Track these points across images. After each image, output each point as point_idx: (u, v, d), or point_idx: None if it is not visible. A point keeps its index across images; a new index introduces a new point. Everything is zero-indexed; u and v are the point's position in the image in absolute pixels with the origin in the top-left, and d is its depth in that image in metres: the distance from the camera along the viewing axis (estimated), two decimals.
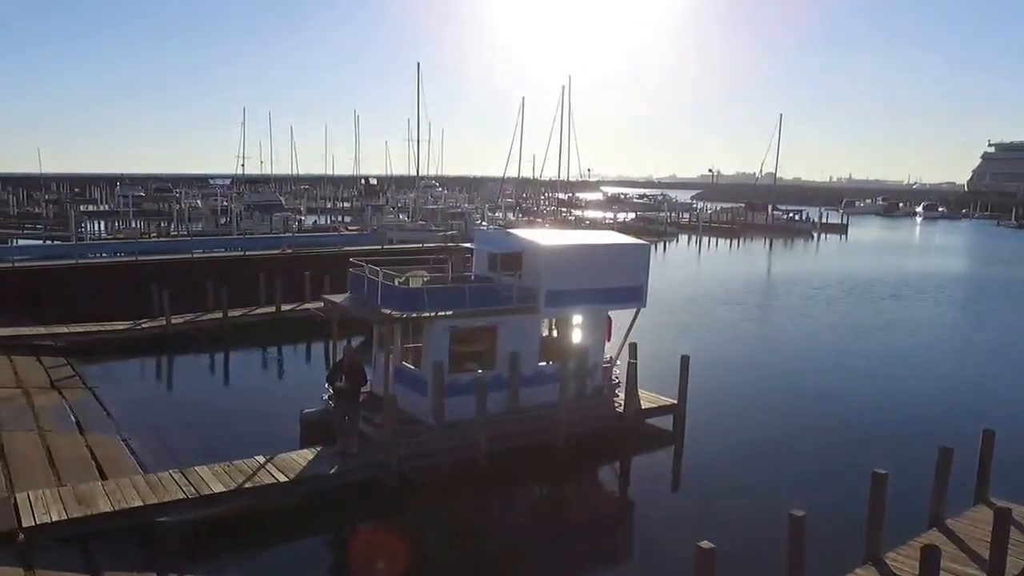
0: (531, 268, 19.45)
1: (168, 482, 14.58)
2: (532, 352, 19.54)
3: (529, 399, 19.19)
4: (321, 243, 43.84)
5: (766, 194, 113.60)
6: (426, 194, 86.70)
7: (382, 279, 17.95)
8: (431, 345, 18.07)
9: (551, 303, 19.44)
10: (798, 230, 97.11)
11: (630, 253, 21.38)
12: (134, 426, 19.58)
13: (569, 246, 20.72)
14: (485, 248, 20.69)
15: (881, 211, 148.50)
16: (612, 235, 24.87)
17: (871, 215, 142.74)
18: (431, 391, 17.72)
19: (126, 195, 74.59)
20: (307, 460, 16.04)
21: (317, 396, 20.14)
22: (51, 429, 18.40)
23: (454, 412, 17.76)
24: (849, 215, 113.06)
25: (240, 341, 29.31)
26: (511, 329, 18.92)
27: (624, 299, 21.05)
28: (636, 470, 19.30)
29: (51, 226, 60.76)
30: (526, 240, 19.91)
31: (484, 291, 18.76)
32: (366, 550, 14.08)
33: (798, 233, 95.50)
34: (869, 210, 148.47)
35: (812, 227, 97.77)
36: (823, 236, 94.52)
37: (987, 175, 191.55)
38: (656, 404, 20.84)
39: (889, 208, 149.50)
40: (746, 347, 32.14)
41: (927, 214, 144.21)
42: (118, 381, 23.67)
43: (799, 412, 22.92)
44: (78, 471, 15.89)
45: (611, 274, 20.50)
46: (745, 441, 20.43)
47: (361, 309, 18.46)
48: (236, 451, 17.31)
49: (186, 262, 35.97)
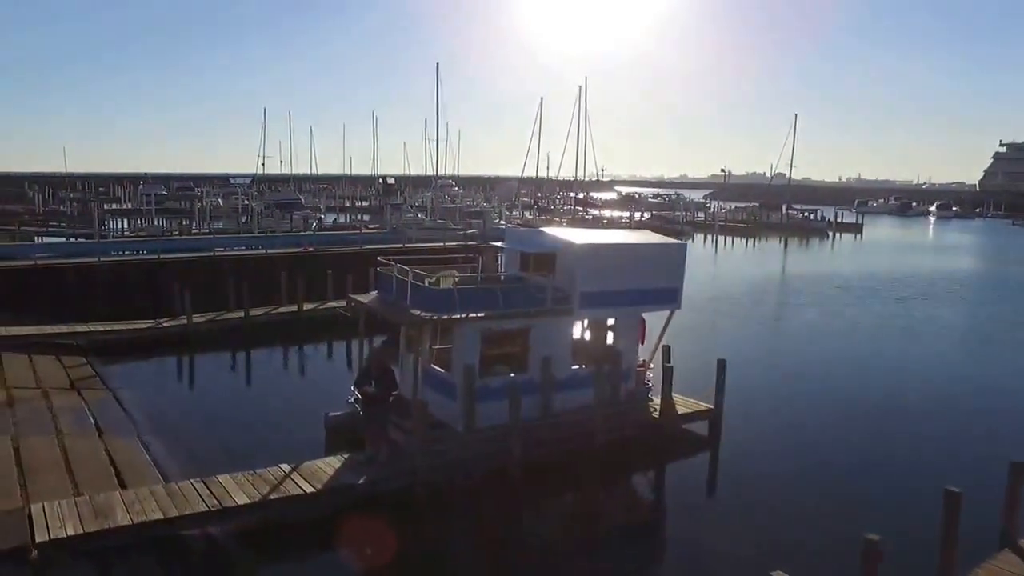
0: (564, 268, 18.36)
1: (189, 492, 13.60)
2: (565, 355, 18.47)
3: (561, 404, 18.14)
4: (342, 242, 42.83)
5: (780, 194, 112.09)
6: (443, 193, 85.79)
7: (411, 279, 16.90)
8: (461, 348, 17.02)
9: (585, 304, 18.35)
10: (813, 229, 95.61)
11: (666, 253, 20.26)
12: (154, 429, 18.65)
13: (604, 245, 19.62)
14: (516, 247, 19.58)
15: (894, 211, 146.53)
16: (646, 234, 23.74)
17: (884, 215, 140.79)
18: (461, 396, 16.69)
19: (148, 194, 74.09)
20: (334, 469, 15.02)
21: (341, 398, 19.18)
22: (69, 432, 17.47)
23: (485, 418, 16.77)
24: (863, 214, 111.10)
25: (262, 340, 28.38)
26: (544, 332, 17.84)
27: (659, 301, 19.95)
28: (672, 479, 18.19)
29: (75, 224, 60.14)
30: (559, 239, 18.80)
31: (517, 292, 17.68)
32: (396, 565, 13.05)
33: (813, 232, 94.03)
34: (882, 210, 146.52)
35: (827, 226, 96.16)
36: (838, 235, 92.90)
37: (999, 174, 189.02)
38: (692, 409, 19.72)
39: (902, 208, 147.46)
40: (779, 348, 30.80)
41: (940, 214, 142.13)
42: (138, 381, 22.73)
43: (841, 418, 21.67)
44: (96, 479, 14.94)
45: (646, 275, 19.41)
46: (785, 449, 19.30)
47: (389, 310, 17.42)
48: (259, 456, 16.43)
49: (207, 260, 35.02)
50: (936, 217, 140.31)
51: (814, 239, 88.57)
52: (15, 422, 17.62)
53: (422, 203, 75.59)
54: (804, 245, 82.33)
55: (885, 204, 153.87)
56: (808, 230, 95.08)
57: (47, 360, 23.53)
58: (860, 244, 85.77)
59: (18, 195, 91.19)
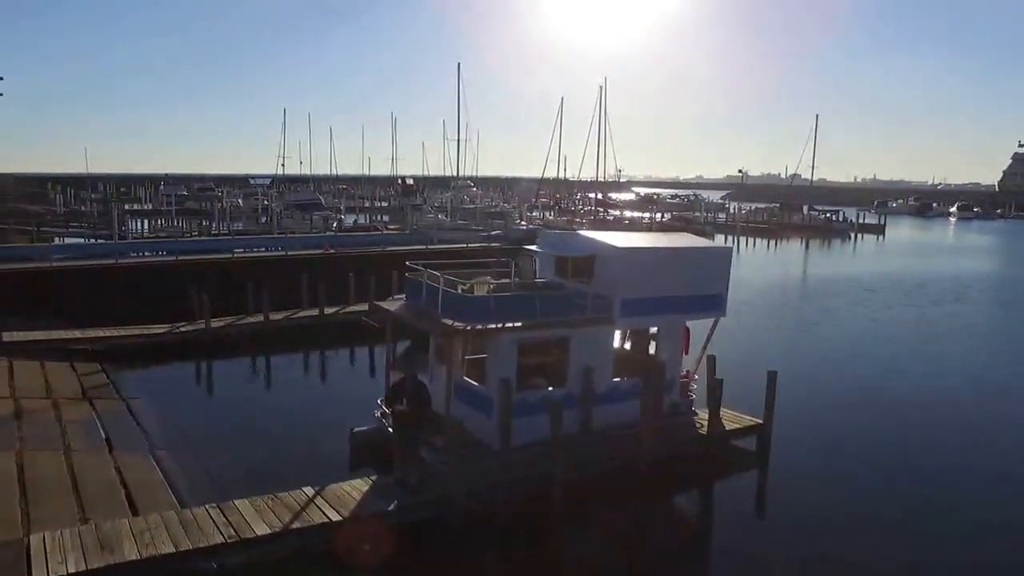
0: (604, 274, 16.91)
1: (204, 521, 12.25)
2: (606, 367, 17.04)
3: (601, 419, 16.73)
4: (363, 243, 41.52)
5: (799, 194, 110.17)
6: (462, 194, 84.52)
7: (443, 285, 15.50)
8: (497, 360, 15.60)
9: (627, 312, 16.90)
10: (836, 230, 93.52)
11: (711, 258, 18.84)
12: (168, 443, 17.35)
13: (646, 249, 18.16)
14: (551, 251, 18.11)
15: (914, 211, 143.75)
16: (687, 237, 22.22)
17: (904, 215, 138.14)
18: (497, 411, 15.28)
19: (169, 194, 73.17)
20: (361, 493, 13.63)
21: (365, 409, 17.93)
22: (78, 448, 16.19)
23: (521, 434, 15.34)
24: (885, 215, 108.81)
25: (282, 345, 27.08)
26: (584, 342, 16.42)
27: (703, 308, 18.49)
28: (721, 500, 16.78)
29: (95, 225, 59.24)
30: (599, 242, 17.33)
31: (555, 300, 16.24)
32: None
33: (835, 233, 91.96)
34: (902, 210, 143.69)
35: (849, 227, 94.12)
36: (860, 236, 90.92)
37: (1019, 175, 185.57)
38: (740, 424, 18.23)
39: (922, 208, 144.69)
40: (823, 356, 28.98)
41: (961, 214, 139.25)
42: (153, 390, 21.45)
43: (897, 432, 20.18)
44: (104, 502, 13.64)
45: (691, 280, 17.94)
46: (839, 467, 17.80)
47: (419, 319, 16.03)
48: (280, 473, 15.26)
49: (226, 262, 33.75)
50: (957, 218, 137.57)
51: (836, 240, 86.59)
52: (21, 436, 16.38)
53: (441, 204, 74.33)
54: (826, 246, 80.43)
55: (905, 204, 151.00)
56: (830, 231, 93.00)
57: (59, 367, 22.31)
58: (883, 245, 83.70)
59: (40, 196, 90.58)
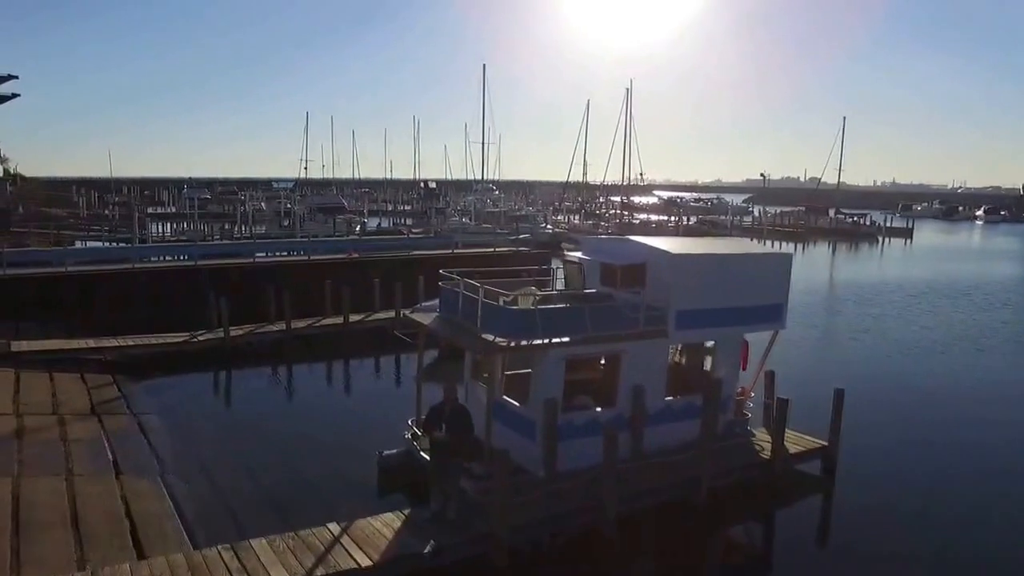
0: (657, 283, 15.12)
1: (216, 565, 10.59)
2: (659, 385, 15.26)
3: (652, 441, 14.97)
4: (388, 247, 39.87)
5: (826, 198, 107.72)
6: (484, 197, 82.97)
7: (483, 297, 13.78)
8: (543, 378, 13.85)
9: (682, 325, 15.10)
10: (863, 234, 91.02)
11: (770, 265, 16.97)
12: (180, 466, 15.75)
13: (702, 256, 16.33)
14: (598, 258, 16.31)
15: (939, 215, 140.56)
16: (745, 243, 20.40)
17: (928, 219, 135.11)
18: (542, 435, 13.58)
19: (192, 197, 72.16)
20: (392, 530, 11.93)
21: (393, 425, 16.33)
22: (82, 472, 14.62)
23: (567, 460, 13.65)
24: (913, 219, 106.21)
25: (304, 355, 25.50)
26: (636, 357, 14.65)
27: (763, 319, 16.64)
28: (784, 530, 14.88)
29: (117, 228, 58.13)
30: (650, 248, 15.53)
31: (606, 312, 14.47)
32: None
33: (863, 237, 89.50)
34: (927, 214, 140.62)
35: (877, 231, 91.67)
36: (887, 240, 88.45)
37: None
38: (805, 447, 16.39)
39: (948, 212, 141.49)
40: (878, 366, 26.82)
41: (988, 218, 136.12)
42: (167, 405, 19.88)
43: (973, 453, 18.25)
44: (105, 539, 12.02)
45: (749, 290, 16.12)
46: (911, 493, 15.93)
47: (456, 334, 14.31)
48: (300, 501, 14.01)
49: (247, 268, 32.21)
50: (984, 221, 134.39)
51: (864, 244, 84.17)
52: (20, 459, 14.83)
53: (465, 207, 72.79)
54: (854, 250, 78.09)
55: (929, 208, 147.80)
56: (857, 235, 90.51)
57: (69, 379, 20.81)
58: (912, 249, 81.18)
59: (65, 200, 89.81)
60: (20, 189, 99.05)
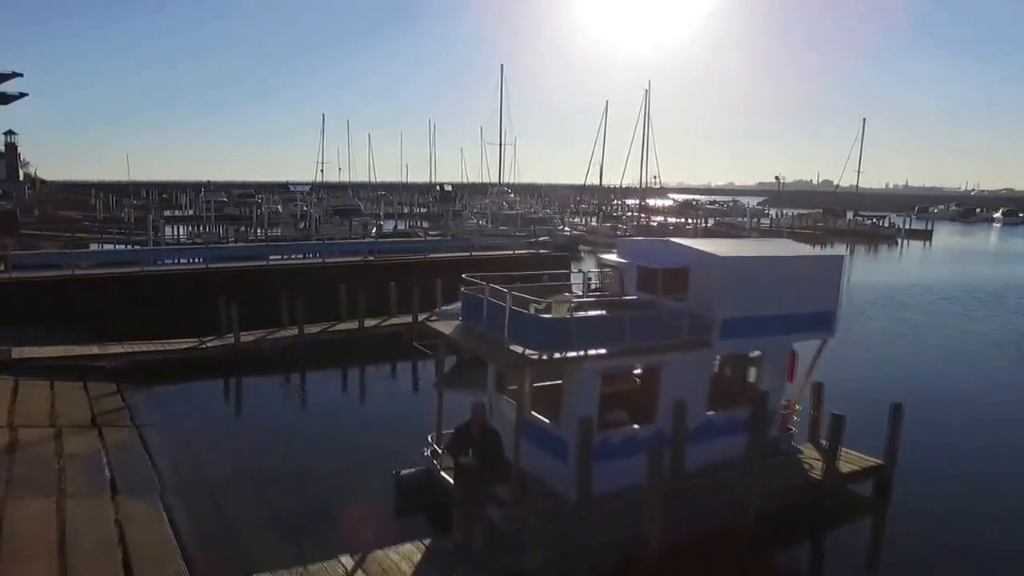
0: (701, 288, 13.66)
1: None
2: (701, 399, 13.83)
3: (693, 460, 13.55)
4: (405, 249, 38.52)
5: (840, 200, 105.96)
6: (500, 200, 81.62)
7: (511, 304, 12.36)
8: (577, 394, 12.43)
9: (729, 335, 13.64)
10: (883, 236, 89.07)
11: (820, 267, 15.51)
12: (183, 484, 14.40)
13: (751, 259, 14.84)
14: (636, 261, 14.85)
15: (956, 217, 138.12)
16: (790, 244, 18.85)
17: (945, 221, 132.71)
18: (576, 456, 12.17)
19: (209, 200, 71.22)
20: (412, 564, 10.55)
21: (411, 439, 14.91)
22: (75, 492, 13.32)
23: (603, 482, 12.24)
24: (932, 221, 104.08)
25: (318, 362, 24.12)
26: (678, 370, 13.23)
27: (812, 328, 15.20)
28: (835, 558, 13.39)
29: (132, 231, 57.08)
30: (693, 251, 14.05)
31: (647, 321, 13.01)
32: None
33: (882, 239, 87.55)
34: (944, 216, 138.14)
35: (896, 232, 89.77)
36: (906, 242, 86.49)
37: None
38: (858, 466, 14.88)
39: (965, 214, 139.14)
40: (920, 374, 25.17)
41: (1007, 220, 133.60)
42: (172, 416, 18.56)
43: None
44: (94, 570, 10.69)
45: (799, 295, 14.65)
46: (971, 516, 14.46)
47: (482, 346, 12.88)
48: (310, 524, 12.77)
49: (259, 270, 30.92)
50: (1002, 223, 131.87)
51: (883, 245, 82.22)
52: (10, 478, 13.55)
53: (481, 210, 71.46)
54: (873, 252, 76.16)
55: (946, 210, 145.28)
56: (877, 236, 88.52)
57: (71, 388, 19.54)
58: (932, 251, 79.24)
59: (83, 203, 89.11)
60: (39, 193, 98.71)
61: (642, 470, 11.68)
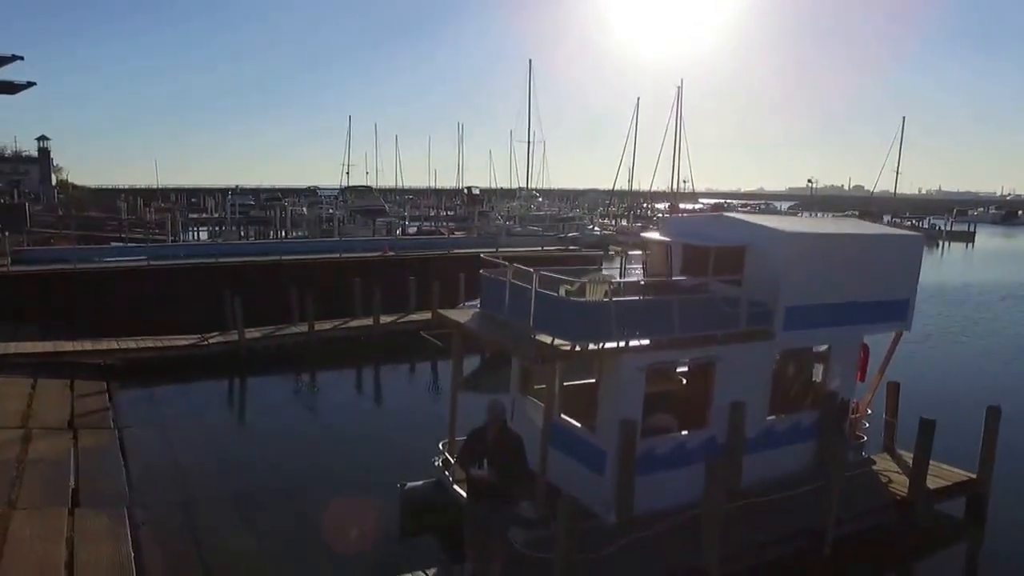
0: (761, 270, 11.43)
1: None
2: (762, 400, 11.60)
3: (752, 473, 11.29)
4: (426, 245, 36.44)
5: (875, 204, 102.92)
6: (528, 203, 79.54)
7: (537, 286, 10.20)
8: (618, 394, 10.24)
9: (792, 324, 11.43)
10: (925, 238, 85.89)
11: (898, 249, 13.19)
12: (158, 497, 12.40)
13: (818, 236, 12.62)
14: (684, 239, 12.61)
15: (997, 220, 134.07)
16: (859, 223, 16.54)
17: (987, 224, 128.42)
18: (613, 467, 10.00)
19: (235, 203, 70.02)
20: None
21: (423, 448, 12.68)
22: (27, 504, 11.38)
23: (644, 500, 10.06)
24: (975, 223, 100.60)
25: (327, 360, 22.12)
26: (735, 365, 11.00)
27: (886, 318, 12.94)
28: None
29: (154, 232, 55.73)
30: (752, 227, 11.79)
31: (699, 307, 10.78)
32: None
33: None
34: (984, 219, 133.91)
35: (937, 234, 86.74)
36: (948, 244, 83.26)
37: None
38: (948, 481, 12.53)
39: (1007, 217, 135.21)
40: (994, 377, 22.38)
41: None
42: (162, 418, 16.64)
43: None
44: None
45: (872, 280, 12.40)
46: None
47: (503, 335, 10.72)
48: (306, 552, 10.74)
49: (269, 265, 28.96)
50: None
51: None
52: None
53: (508, 212, 69.45)
54: None
55: (985, 213, 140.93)
56: None
57: (55, 386, 17.73)
58: (974, 252, 75.95)
59: (112, 207, 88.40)
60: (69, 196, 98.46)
61: (693, 485, 9.55)
